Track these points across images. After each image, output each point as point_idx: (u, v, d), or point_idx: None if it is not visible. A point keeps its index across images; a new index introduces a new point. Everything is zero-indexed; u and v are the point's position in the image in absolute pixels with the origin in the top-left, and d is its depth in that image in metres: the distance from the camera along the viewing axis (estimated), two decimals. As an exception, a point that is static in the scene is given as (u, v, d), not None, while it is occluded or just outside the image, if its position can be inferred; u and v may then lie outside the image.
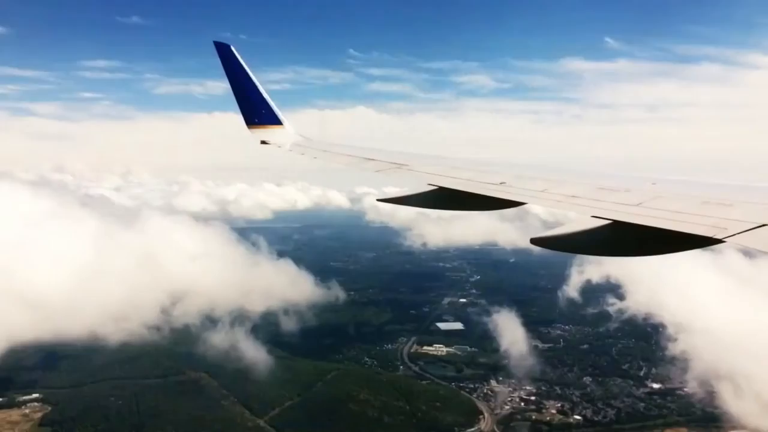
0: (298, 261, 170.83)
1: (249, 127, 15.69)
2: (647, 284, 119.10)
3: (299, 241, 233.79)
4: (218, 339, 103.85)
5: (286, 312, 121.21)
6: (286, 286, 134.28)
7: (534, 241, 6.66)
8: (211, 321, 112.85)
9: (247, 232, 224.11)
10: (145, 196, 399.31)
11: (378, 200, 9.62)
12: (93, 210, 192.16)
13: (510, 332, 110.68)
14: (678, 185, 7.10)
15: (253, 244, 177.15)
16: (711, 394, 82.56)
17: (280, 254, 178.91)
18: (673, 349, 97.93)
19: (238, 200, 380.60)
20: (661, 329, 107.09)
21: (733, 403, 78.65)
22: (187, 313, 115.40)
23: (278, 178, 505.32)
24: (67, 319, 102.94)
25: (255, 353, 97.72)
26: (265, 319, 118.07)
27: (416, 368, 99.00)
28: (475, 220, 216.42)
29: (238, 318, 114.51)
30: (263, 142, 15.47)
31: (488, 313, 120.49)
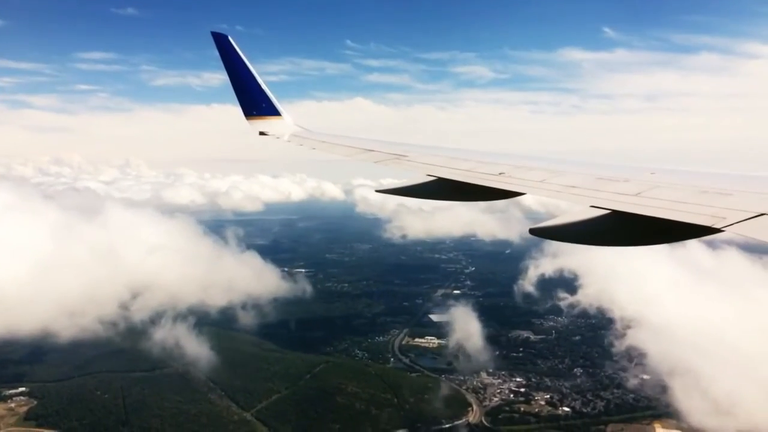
0: (292, 253, 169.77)
1: (247, 119, 15.63)
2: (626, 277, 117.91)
3: (284, 233, 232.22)
4: (175, 334, 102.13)
5: (244, 306, 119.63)
6: (250, 280, 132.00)
7: (533, 231, 6.66)
8: (169, 315, 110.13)
9: (229, 224, 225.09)
10: (136, 188, 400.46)
11: (377, 191, 9.62)
12: (57, 203, 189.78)
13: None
14: (677, 175, 7.15)
15: (222, 237, 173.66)
16: (664, 390, 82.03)
17: (264, 246, 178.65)
18: (628, 343, 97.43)
19: (229, 192, 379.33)
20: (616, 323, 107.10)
21: (684, 399, 77.93)
22: (145, 308, 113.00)
23: (277, 169, 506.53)
24: (21, 313, 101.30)
25: (216, 348, 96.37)
26: (225, 314, 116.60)
27: (407, 360, 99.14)
28: (457, 211, 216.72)
29: (197, 312, 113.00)
30: (262, 133, 15.41)
31: (481, 305, 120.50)
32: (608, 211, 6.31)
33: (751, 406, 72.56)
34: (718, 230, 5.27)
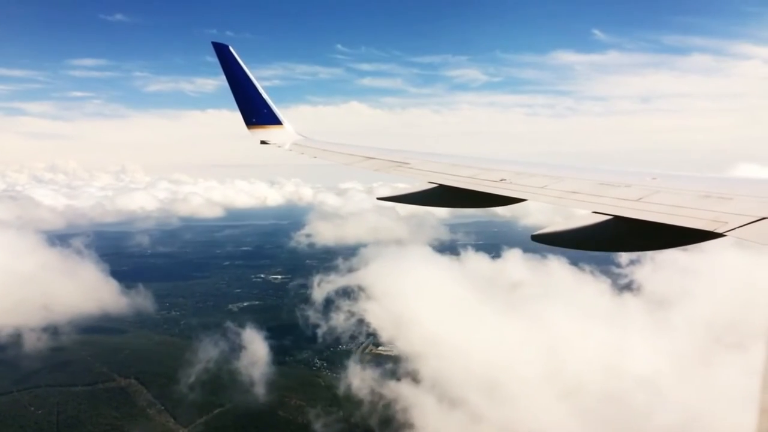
0: (271, 259, 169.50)
1: (249, 128, 15.67)
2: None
3: (237, 238, 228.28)
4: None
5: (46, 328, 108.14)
6: (78, 296, 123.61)
7: (535, 237, 6.71)
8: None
9: (163, 232, 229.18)
10: (86, 194, 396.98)
11: (378, 198, 9.66)
12: None
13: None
14: (678, 180, 7.23)
15: (76, 249, 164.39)
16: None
17: (248, 253, 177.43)
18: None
19: (188, 198, 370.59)
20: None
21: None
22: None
23: (273, 174, 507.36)
24: None
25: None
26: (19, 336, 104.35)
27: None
28: (368, 217, 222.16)
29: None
30: (263, 142, 15.49)
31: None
32: (610, 217, 6.33)
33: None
34: (720, 235, 5.31)
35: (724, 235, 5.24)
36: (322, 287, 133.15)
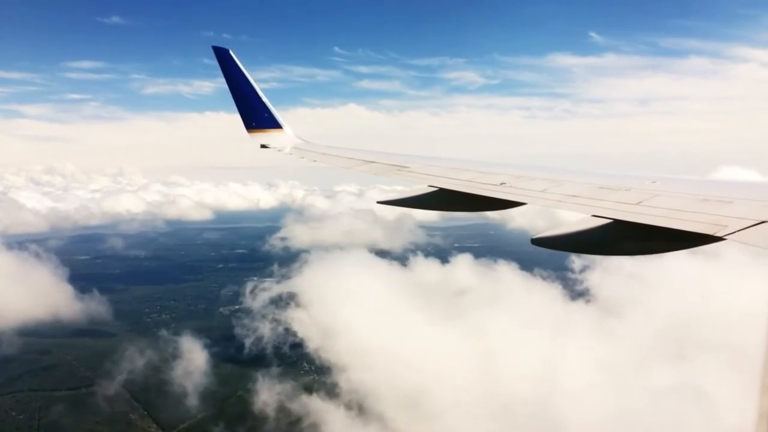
0: (264, 262, 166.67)
1: (249, 131, 15.70)
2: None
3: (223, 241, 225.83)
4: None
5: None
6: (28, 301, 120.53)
7: (535, 241, 6.71)
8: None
9: (145, 235, 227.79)
10: (73, 196, 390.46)
11: (378, 202, 9.65)
12: None
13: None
14: (678, 183, 7.27)
15: (37, 255, 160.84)
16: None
17: (244, 255, 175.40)
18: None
19: (176, 201, 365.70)
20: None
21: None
22: None
23: (271, 176, 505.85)
24: None
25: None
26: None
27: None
28: (343, 221, 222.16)
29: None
30: (263, 146, 15.51)
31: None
32: (610, 220, 6.36)
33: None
34: (719, 238, 5.34)
35: (724, 239, 5.28)
36: (257, 295, 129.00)
